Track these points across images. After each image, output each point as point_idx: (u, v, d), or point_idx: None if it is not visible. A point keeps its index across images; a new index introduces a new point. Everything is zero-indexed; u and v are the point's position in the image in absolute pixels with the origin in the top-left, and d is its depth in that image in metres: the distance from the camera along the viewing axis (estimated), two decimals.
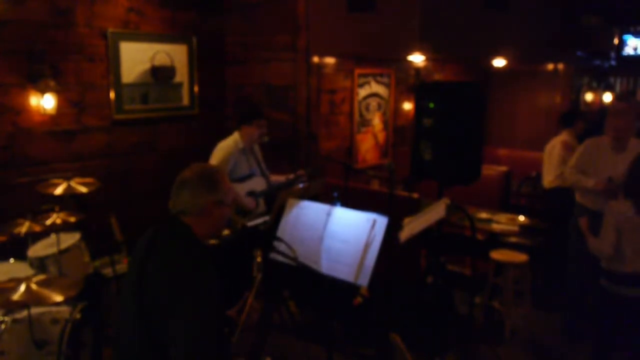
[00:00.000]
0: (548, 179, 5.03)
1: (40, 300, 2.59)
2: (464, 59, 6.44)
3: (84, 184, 3.68)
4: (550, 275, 4.76)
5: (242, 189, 4.03)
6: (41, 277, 2.76)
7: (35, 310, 2.78)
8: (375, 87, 5.85)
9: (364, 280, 2.47)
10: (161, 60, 5.08)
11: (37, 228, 3.36)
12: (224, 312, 2.08)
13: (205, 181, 1.91)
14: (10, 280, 2.73)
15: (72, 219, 3.47)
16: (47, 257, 3.47)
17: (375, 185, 5.31)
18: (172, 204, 1.92)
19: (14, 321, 2.77)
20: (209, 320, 1.73)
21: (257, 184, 4.16)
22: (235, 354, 2.04)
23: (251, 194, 4.08)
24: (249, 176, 4.12)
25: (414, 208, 3.72)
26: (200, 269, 1.80)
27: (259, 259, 2.14)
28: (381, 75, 5.89)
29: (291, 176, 4.21)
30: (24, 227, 3.36)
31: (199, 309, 1.72)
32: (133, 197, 4.99)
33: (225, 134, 4.21)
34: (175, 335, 1.70)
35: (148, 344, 1.76)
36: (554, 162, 4.97)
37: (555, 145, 5.02)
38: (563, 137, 5.02)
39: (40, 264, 3.45)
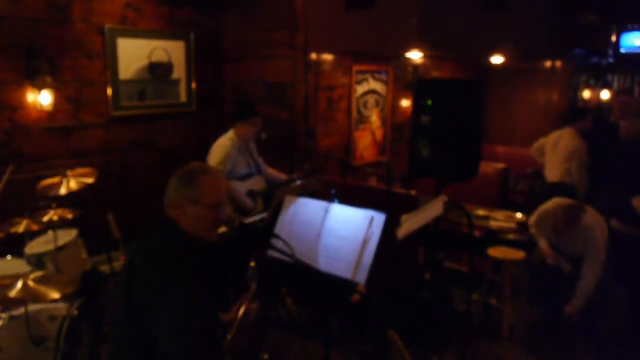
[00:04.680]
0: (553, 173, 5.00)
1: (37, 297, 2.58)
2: (462, 56, 6.44)
3: (81, 181, 3.66)
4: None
5: (242, 187, 4.02)
6: (38, 273, 2.75)
7: (32, 307, 2.77)
8: (373, 84, 5.85)
9: (361, 278, 2.47)
10: (158, 56, 5.07)
11: (35, 226, 3.35)
12: (216, 311, 2.07)
13: (182, 177, 1.92)
14: (8, 277, 2.72)
15: (70, 216, 3.47)
16: (44, 253, 3.46)
17: (373, 182, 5.31)
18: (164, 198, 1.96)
19: (11, 318, 2.77)
20: (194, 317, 1.72)
21: (257, 183, 4.15)
22: (231, 353, 2.03)
23: (251, 193, 4.07)
24: (249, 175, 4.10)
25: (412, 205, 3.71)
26: (183, 265, 1.79)
27: (252, 264, 2.13)
28: (379, 72, 5.88)
29: (294, 176, 4.19)
30: (21, 225, 3.36)
31: (182, 306, 1.71)
32: (130, 194, 4.98)
33: (223, 130, 4.20)
34: (160, 332, 1.69)
35: (137, 341, 1.75)
36: (560, 156, 4.95)
37: (560, 139, 5.00)
38: (569, 132, 5.01)
39: (37, 261, 3.45)
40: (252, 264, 2.16)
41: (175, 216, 1.89)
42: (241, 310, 2.05)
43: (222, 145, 3.94)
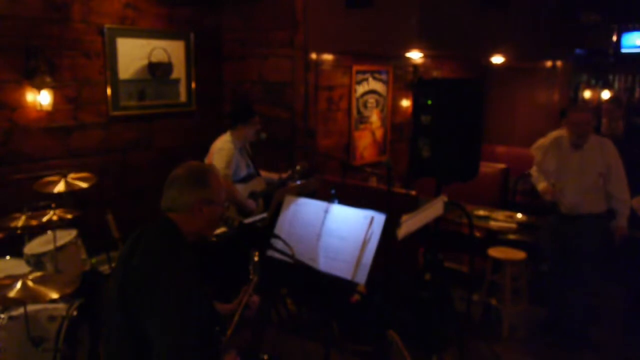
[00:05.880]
0: None
1: (36, 298, 2.58)
2: (462, 55, 6.43)
3: (80, 181, 3.66)
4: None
5: (244, 189, 4.01)
6: (37, 274, 2.75)
7: (31, 308, 2.77)
8: (374, 84, 5.84)
9: (361, 278, 2.46)
10: (158, 56, 5.05)
11: (34, 222, 3.34)
12: (213, 310, 2.06)
13: (193, 179, 1.91)
14: (7, 277, 2.72)
15: (69, 216, 3.45)
16: (43, 254, 3.45)
17: (373, 183, 5.29)
18: (162, 201, 1.93)
19: (10, 318, 2.76)
20: (188, 318, 1.72)
21: (257, 184, 4.14)
22: (230, 352, 2.02)
23: (252, 194, 4.06)
24: (249, 176, 4.10)
25: (412, 205, 3.70)
26: (180, 267, 1.78)
27: (256, 259, 2.12)
28: (379, 72, 5.87)
29: (284, 175, 4.18)
30: (20, 224, 3.35)
31: (177, 307, 1.70)
32: (130, 194, 4.97)
33: (223, 130, 4.19)
34: (154, 332, 1.70)
35: (131, 340, 1.75)
36: None
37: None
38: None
39: (36, 261, 3.44)
40: (256, 257, 2.15)
41: (178, 218, 1.88)
42: (242, 303, 2.03)
43: (224, 149, 3.92)
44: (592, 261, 3.77)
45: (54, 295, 2.57)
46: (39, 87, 4.24)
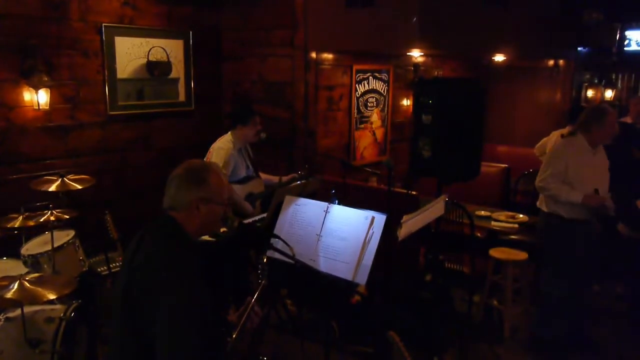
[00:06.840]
0: None
1: (33, 299, 2.56)
2: (463, 54, 6.40)
3: (78, 181, 3.64)
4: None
5: (242, 191, 3.98)
6: (35, 275, 2.74)
7: (28, 309, 2.74)
8: (374, 83, 5.81)
9: (362, 279, 2.44)
10: (157, 55, 5.03)
11: (31, 223, 3.32)
12: (218, 310, 2.04)
13: (191, 177, 1.89)
14: (4, 278, 2.69)
15: (67, 216, 3.43)
16: (41, 254, 3.43)
17: (373, 183, 5.27)
18: (164, 199, 1.92)
19: (7, 320, 2.74)
20: (192, 318, 1.71)
21: (256, 186, 4.12)
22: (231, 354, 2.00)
23: (250, 196, 4.04)
24: (248, 178, 4.07)
25: (413, 205, 3.68)
26: (183, 266, 1.77)
27: (265, 260, 2.11)
28: (380, 71, 5.84)
29: (284, 178, 4.16)
30: (17, 225, 3.32)
31: (180, 306, 1.69)
32: (128, 194, 4.94)
33: (222, 130, 4.17)
34: (158, 332, 1.69)
35: (135, 341, 1.74)
36: None
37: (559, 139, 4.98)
38: (565, 131, 4.99)
39: (34, 262, 3.41)
40: (265, 259, 2.13)
41: (179, 217, 1.87)
42: (244, 315, 2.02)
43: (223, 148, 3.92)
44: (598, 261, 3.74)
45: (52, 297, 2.55)
46: (36, 87, 4.21)
